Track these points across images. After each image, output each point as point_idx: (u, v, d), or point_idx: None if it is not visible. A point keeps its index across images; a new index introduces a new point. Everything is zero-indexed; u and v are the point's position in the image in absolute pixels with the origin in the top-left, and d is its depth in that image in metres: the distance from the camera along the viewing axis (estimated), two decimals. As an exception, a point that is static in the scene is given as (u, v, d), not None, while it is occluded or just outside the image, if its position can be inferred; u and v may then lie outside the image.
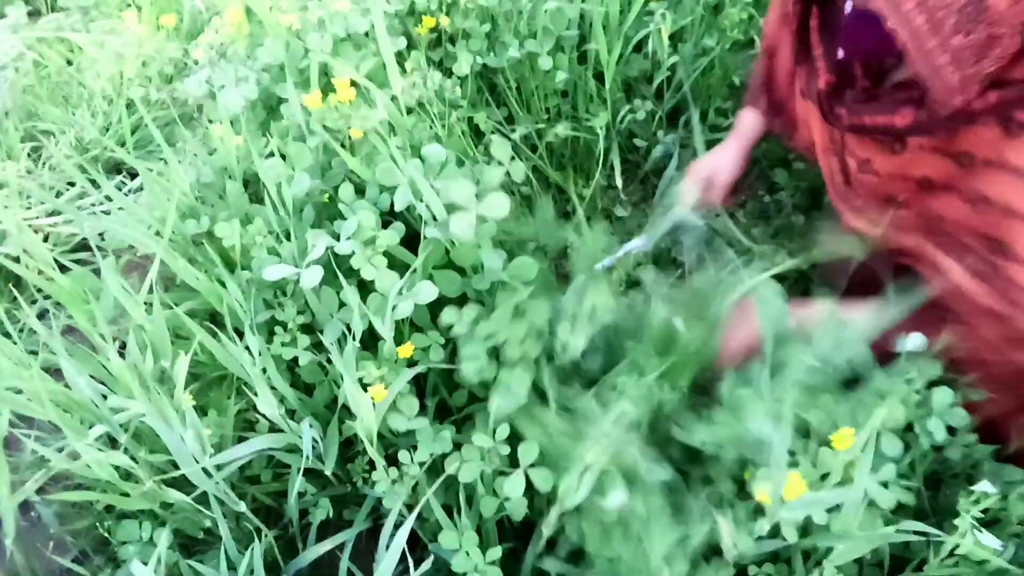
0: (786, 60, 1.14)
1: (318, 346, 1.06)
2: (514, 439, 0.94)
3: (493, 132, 1.56)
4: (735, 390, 0.87)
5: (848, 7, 0.87)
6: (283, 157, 1.13)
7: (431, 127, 1.22)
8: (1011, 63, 0.73)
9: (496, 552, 0.88)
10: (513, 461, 0.93)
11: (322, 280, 0.98)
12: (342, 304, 1.04)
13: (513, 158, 1.07)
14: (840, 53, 0.90)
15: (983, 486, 0.81)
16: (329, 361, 1.02)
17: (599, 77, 1.55)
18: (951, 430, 0.88)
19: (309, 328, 1.08)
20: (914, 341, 0.89)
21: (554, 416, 0.90)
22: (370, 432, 0.93)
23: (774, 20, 1.16)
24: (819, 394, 0.84)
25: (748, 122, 1.27)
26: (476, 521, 0.97)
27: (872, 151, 0.92)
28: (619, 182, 1.62)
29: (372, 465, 1.03)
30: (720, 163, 1.26)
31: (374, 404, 0.89)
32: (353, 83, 1.10)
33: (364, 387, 0.91)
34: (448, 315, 0.97)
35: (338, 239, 0.98)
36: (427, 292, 0.96)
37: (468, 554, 0.86)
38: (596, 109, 1.55)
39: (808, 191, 1.56)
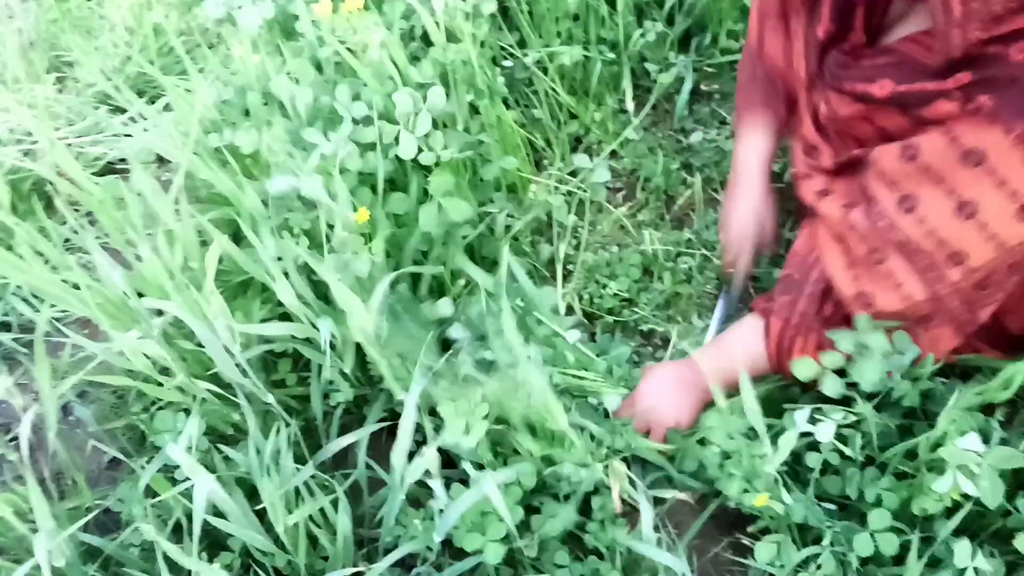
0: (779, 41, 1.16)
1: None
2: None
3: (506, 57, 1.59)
4: None
5: None
6: (297, 81, 1.17)
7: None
8: (985, 41, 0.78)
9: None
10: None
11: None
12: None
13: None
14: None
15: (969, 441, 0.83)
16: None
17: (610, 1, 1.56)
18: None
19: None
20: None
21: None
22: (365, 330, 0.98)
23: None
24: None
25: (758, 142, 1.24)
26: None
27: (844, 104, 0.97)
28: (631, 106, 1.63)
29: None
30: (762, 211, 1.24)
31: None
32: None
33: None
34: None
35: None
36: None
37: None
38: (607, 32, 1.57)
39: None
